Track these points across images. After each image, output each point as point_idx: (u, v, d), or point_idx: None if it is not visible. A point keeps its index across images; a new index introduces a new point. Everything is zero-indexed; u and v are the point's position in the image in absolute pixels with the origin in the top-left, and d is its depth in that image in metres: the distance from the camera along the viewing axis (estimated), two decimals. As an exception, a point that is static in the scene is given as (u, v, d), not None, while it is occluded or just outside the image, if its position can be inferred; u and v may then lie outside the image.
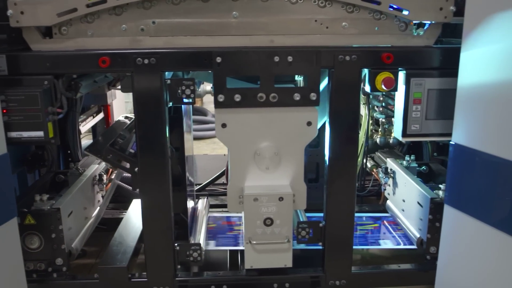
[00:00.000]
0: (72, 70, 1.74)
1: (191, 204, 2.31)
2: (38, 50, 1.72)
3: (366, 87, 1.80)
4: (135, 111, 1.75)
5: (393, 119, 2.09)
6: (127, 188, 2.69)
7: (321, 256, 1.96)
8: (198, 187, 2.79)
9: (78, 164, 2.34)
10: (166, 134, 1.77)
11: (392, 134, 2.31)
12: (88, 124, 2.91)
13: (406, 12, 1.74)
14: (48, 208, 1.86)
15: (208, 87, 2.41)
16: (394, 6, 1.73)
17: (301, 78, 2.25)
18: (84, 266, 2.36)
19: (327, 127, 1.83)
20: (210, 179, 2.81)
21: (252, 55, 1.70)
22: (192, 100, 1.76)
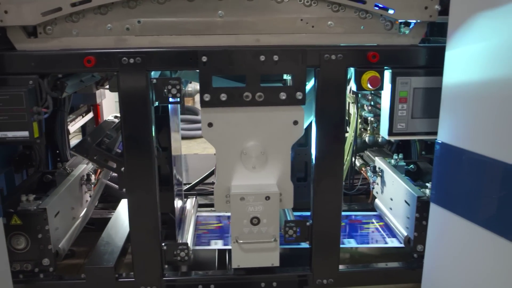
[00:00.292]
0: (57, 70, 1.74)
1: (180, 203, 2.31)
2: (23, 49, 1.71)
3: (352, 86, 1.80)
4: (121, 110, 1.74)
5: (381, 118, 2.10)
6: (116, 187, 2.68)
7: (308, 255, 1.96)
8: (188, 186, 2.78)
9: (65, 164, 2.34)
10: (152, 133, 1.77)
11: (381, 133, 2.32)
12: (77, 124, 2.90)
13: (391, 11, 1.74)
14: (34, 208, 1.85)
15: (200, 86, 2.40)
16: (380, 5, 1.73)
17: (290, 77, 2.25)
18: (73, 266, 2.36)
19: (313, 126, 1.83)
20: (199, 179, 2.80)
21: (237, 54, 1.70)
22: (178, 99, 1.76)
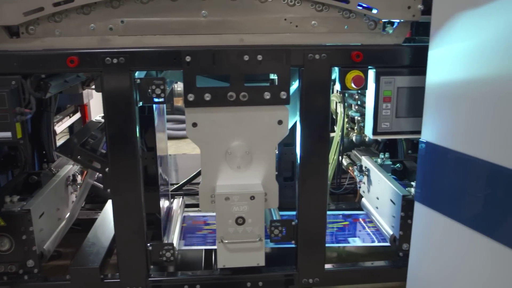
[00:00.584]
0: (40, 70, 1.72)
1: (166, 204, 2.30)
2: (5, 49, 1.70)
3: (337, 85, 1.81)
4: (105, 111, 1.73)
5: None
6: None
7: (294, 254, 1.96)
8: (175, 186, 2.78)
9: (51, 164, 2.32)
10: (137, 133, 1.76)
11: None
12: (64, 124, 2.89)
13: (375, 11, 1.74)
14: (18, 209, 1.84)
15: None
16: (363, 5, 1.74)
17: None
18: (59, 268, 2.35)
19: (297, 126, 1.83)
20: (186, 179, 2.80)
21: (221, 54, 1.69)
22: (163, 99, 1.75)
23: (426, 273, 1.78)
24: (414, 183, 2.04)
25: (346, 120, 2.51)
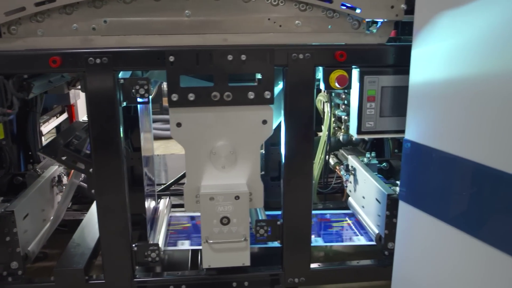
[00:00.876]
0: (22, 70, 1.71)
1: (152, 204, 2.30)
2: (-13, 50, 1.69)
3: (321, 85, 1.81)
4: (88, 111, 1.72)
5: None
6: (89, 189, 2.66)
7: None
8: (162, 187, 2.77)
9: (36, 165, 2.31)
10: (121, 134, 1.76)
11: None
12: (50, 125, 2.87)
13: (358, 11, 1.75)
14: (2, 211, 1.83)
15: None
16: (347, 5, 1.74)
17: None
18: (45, 269, 2.33)
19: (282, 125, 1.83)
20: (173, 179, 2.79)
21: (205, 54, 1.69)
22: (147, 100, 1.75)
23: (410, 271, 1.79)
24: (398, 182, 2.05)
25: (333, 119, 2.51)
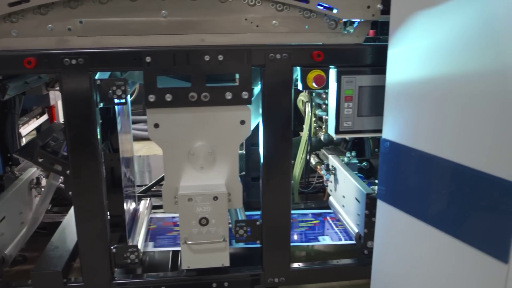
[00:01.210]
0: (-4, 72, 1.70)
1: (132, 205, 2.28)
2: (-40, 51, 1.67)
3: (299, 85, 1.81)
4: (64, 112, 1.71)
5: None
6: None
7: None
8: (143, 188, 2.75)
9: (14, 167, 2.28)
10: (98, 135, 1.74)
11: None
12: (30, 126, 2.84)
13: (335, 11, 1.75)
14: (-23, 214, 1.81)
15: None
16: (324, 5, 1.75)
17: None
18: (24, 272, 2.31)
19: (260, 126, 1.84)
20: (154, 181, 2.78)
21: (182, 54, 1.69)
22: (124, 100, 1.74)
23: (389, 269, 1.80)
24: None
25: (314, 119, 2.52)
